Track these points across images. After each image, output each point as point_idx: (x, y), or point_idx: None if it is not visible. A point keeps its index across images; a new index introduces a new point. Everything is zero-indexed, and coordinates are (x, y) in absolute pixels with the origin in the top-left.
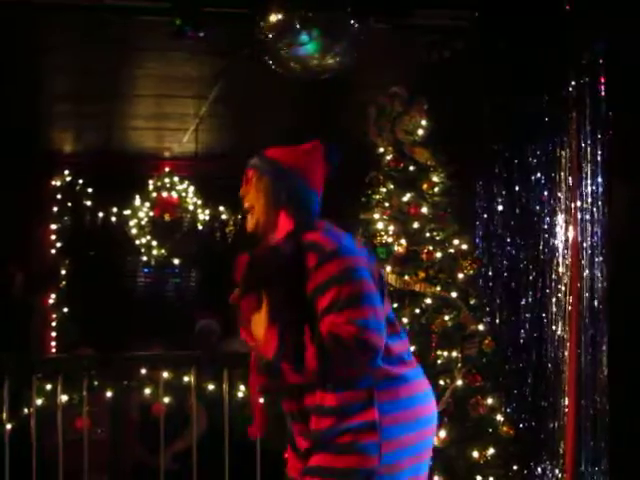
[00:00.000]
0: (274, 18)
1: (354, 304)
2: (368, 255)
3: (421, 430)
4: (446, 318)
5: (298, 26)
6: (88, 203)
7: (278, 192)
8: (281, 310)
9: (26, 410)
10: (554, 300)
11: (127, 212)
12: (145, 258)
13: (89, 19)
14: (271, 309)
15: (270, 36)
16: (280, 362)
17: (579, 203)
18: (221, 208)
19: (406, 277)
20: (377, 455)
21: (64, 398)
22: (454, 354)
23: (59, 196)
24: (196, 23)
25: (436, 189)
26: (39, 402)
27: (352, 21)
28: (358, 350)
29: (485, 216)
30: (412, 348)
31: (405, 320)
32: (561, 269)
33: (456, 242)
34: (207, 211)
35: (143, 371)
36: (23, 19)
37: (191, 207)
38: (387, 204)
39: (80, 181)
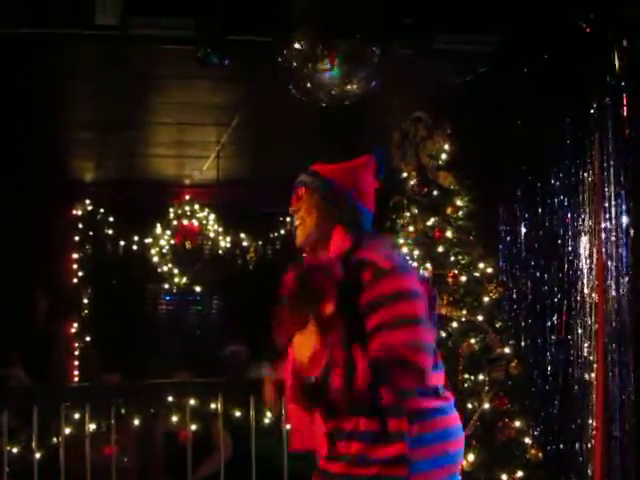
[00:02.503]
0: (297, 46)
1: (406, 324)
2: (419, 276)
3: (449, 465)
4: (472, 341)
5: (321, 53)
6: (109, 231)
7: (331, 210)
8: (330, 329)
9: (55, 439)
10: (579, 322)
11: (148, 240)
12: (167, 286)
13: (111, 48)
14: (320, 328)
15: (293, 64)
16: (326, 381)
17: (603, 225)
18: (242, 235)
19: (437, 299)
20: None
21: (92, 426)
22: (481, 377)
23: (80, 225)
24: (220, 52)
25: (460, 213)
26: (67, 430)
27: (374, 47)
28: (408, 371)
29: (509, 239)
30: None
31: None
32: (586, 290)
33: (481, 265)
34: (228, 238)
35: (170, 398)
36: (45, 49)
37: (212, 234)
38: (412, 228)
39: (101, 210)
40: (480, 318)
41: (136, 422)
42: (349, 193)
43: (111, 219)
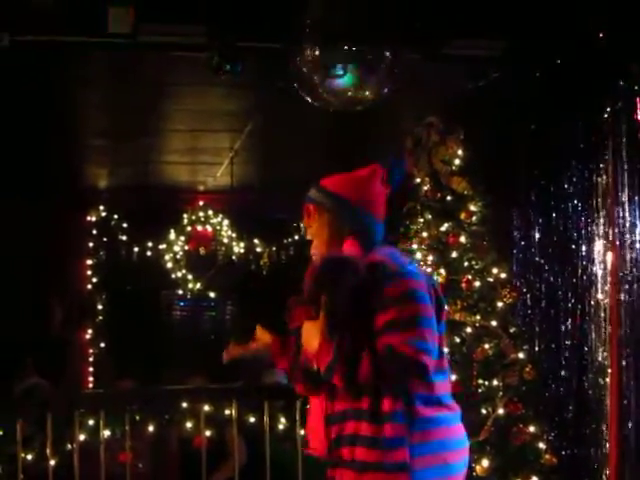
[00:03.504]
0: (309, 52)
1: (412, 325)
2: (430, 281)
3: (450, 476)
4: (486, 347)
5: (333, 59)
6: (123, 238)
7: (341, 225)
8: (340, 323)
9: (69, 445)
10: (593, 327)
11: (162, 246)
12: (181, 291)
13: (124, 56)
14: (330, 320)
15: (305, 70)
16: (331, 375)
17: (617, 229)
18: (256, 241)
19: (446, 307)
20: None
21: (106, 433)
22: (495, 383)
23: (95, 231)
24: (233, 59)
25: (474, 218)
26: (82, 437)
27: (387, 53)
28: (411, 370)
29: (523, 244)
30: (453, 377)
31: (445, 350)
32: (600, 295)
33: (495, 271)
34: (242, 244)
35: (184, 404)
36: (59, 57)
37: (226, 240)
38: (425, 234)
39: (115, 216)
40: (494, 323)
41: (151, 428)
42: (358, 207)
43: (125, 225)
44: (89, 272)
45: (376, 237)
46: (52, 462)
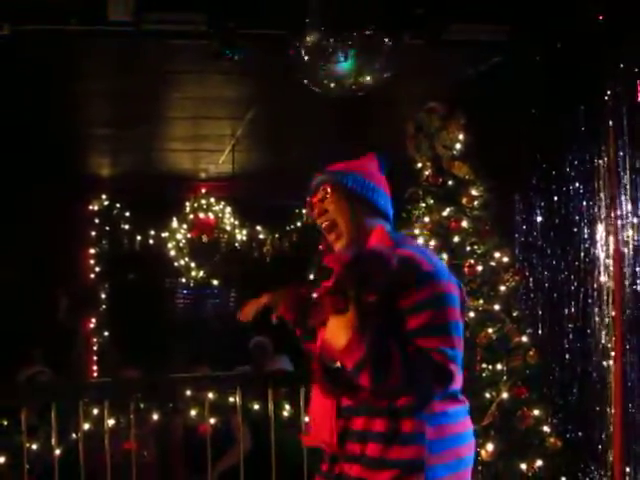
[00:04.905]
0: (310, 39)
1: (445, 332)
2: (455, 280)
3: (463, 470)
4: (490, 331)
5: (334, 45)
6: (126, 226)
7: (362, 203)
8: (371, 319)
9: (74, 435)
10: (597, 310)
11: (165, 234)
12: (184, 280)
13: (126, 44)
14: (360, 316)
15: (306, 56)
16: (360, 373)
17: (619, 212)
18: (258, 228)
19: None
20: None
21: (111, 422)
22: (499, 367)
23: (97, 220)
24: (234, 45)
25: (476, 203)
26: (86, 426)
27: (387, 38)
28: (439, 377)
29: (525, 228)
30: None
31: None
32: (603, 278)
33: (497, 255)
34: (244, 231)
35: (188, 393)
36: (61, 46)
37: (228, 228)
38: (427, 219)
39: (118, 205)
40: (497, 307)
41: (155, 417)
42: (377, 187)
43: (127, 214)
44: (92, 261)
45: (391, 215)
46: (57, 452)
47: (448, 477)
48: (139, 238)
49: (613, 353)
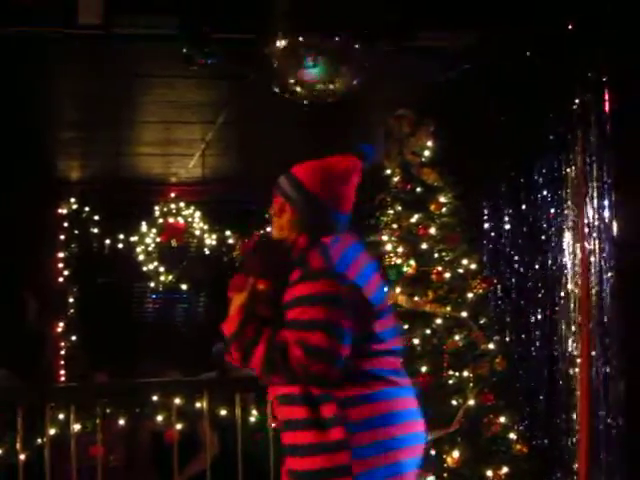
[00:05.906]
0: (279, 44)
1: (311, 328)
2: (371, 274)
3: (396, 450)
4: (457, 338)
5: (303, 51)
6: (95, 230)
7: (304, 220)
8: (259, 305)
9: (40, 439)
10: (564, 317)
11: (134, 238)
12: (153, 284)
13: (95, 47)
14: (249, 296)
15: (275, 62)
16: (230, 346)
17: (586, 220)
18: (228, 232)
19: (416, 298)
20: (350, 476)
21: (77, 427)
22: (466, 374)
23: (66, 224)
24: (204, 50)
25: (444, 209)
26: (52, 431)
27: (357, 45)
28: (296, 371)
29: (493, 235)
30: (424, 369)
31: (416, 341)
32: (570, 286)
33: (465, 262)
34: (214, 236)
35: (155, 398)
36: (28, 48)
37: (198, 232)
38: (395, 225)
39: (87, 208)
40: (464, 314)
41: (122, 422)
42: (326, 205)
43: (97, 218)
44: (61, 265)
45: (337, 230)
46: (22, 457)
47: (376, 456)
48: (108, 242)
49: (579, 360)
